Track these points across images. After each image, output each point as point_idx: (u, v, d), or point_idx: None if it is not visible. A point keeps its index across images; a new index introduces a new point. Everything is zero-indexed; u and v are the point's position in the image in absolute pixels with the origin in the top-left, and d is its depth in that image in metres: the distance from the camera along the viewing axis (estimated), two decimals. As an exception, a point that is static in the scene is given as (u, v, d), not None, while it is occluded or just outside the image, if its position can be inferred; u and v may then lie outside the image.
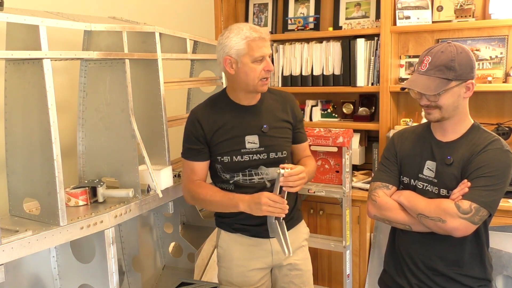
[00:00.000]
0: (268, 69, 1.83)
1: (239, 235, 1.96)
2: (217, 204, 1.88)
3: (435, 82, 1.58)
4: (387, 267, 1.87)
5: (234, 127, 1.89)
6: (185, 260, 2.55)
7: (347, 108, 3.35)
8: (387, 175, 1.79)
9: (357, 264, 3.01)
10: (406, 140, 1.80)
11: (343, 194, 2.76)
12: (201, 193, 1.89)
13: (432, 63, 1.59)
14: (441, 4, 2.99)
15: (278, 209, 1.74)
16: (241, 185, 1.90)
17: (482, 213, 1.57)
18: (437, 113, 1.63)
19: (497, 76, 2.88)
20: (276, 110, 1.96)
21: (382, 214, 1.74)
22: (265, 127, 1.89)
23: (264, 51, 1.81)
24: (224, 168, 1.91)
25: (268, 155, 1.90)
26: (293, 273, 2.00)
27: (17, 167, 1.68)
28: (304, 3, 3.50)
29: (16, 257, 1.46)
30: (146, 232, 2.53)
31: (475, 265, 1.69)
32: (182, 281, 1.80)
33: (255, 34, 1.79)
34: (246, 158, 1.88)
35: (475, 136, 1.65)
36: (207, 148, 1.92)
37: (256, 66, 1.81)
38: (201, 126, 1.89)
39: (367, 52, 3.17)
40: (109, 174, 1.99)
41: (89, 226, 1.67)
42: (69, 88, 2.20)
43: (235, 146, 1.88)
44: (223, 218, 1.99)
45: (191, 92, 2.71)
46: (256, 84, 1.84)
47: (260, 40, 1.80)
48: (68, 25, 1.69)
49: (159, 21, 2.75)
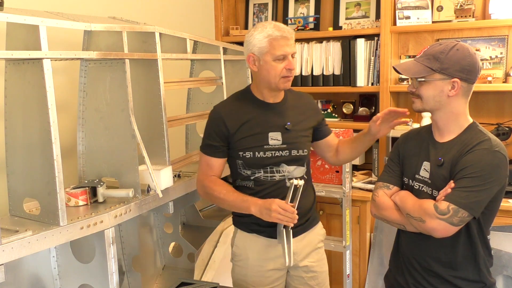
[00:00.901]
0: (290, 68, 1.84)
1: (256, 235, 1.96)
2: (230, 203, 1.90)
3: (418, 67, 1.60)
4: (390, 265, 1.89)
5: (258, 123, 1.90)
6: (185, 260, 2.55)
7: (347, 108, 3.35)
8: (389, 175, 1.80)
9: (357, 264, 3.01)
10: (409, 141, 1.81)
11: (343, 194, 2.76)
12: (216, 190, 1.91)
13: (426, 52, 1.62)
14: (441, 4, 2.99)
15: (287, 218, 1.74)
16: (261, 182, 1.91)
17: (461, 214, 1.54)
18: (418, 102, 1.65)
19: (497, 76, 2.88)
20: (300, 108, 1.99)
21: (380, 213, 1.75)
22: (289, 124, 1.91)
23: (286, 50, 1.82)
24: (245, 164, 1.91)
25: (290, 152, 1.91)
26: (308, 275, 2.00)
27: (17, 167, 1.68)
28: (304, 3, 3.51)
29: (16, 257, 1.46)
30: (146, 232, 2.53)
31: (469, 267, 1.67)
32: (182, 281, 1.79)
33: (278, 33, 1.80)
34: (269, 154, 1.89)
35: (468, 136, 1.63)
36: (227, 145, 1.93)
37: (277, 64, 1.83)
38: (224, 123, 1.90)
39: (367, 52, 3.17)
40: (109, 174, 1.99)
41: (89, 226, 1.67)
42: (69, 88, 2.20)
43: (258, 142, 1.89)
44: (241, 218, 1.99)
45: (191, 92, 2.71)
46: (278, 81, 1.85)
47: (283, 39, 1.81)
48: (68, 25, 1.69)
49: (159, 21, 2.75)
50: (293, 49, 1.85)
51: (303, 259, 1.98)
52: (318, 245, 2.04)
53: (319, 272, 2.03)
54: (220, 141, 1.92)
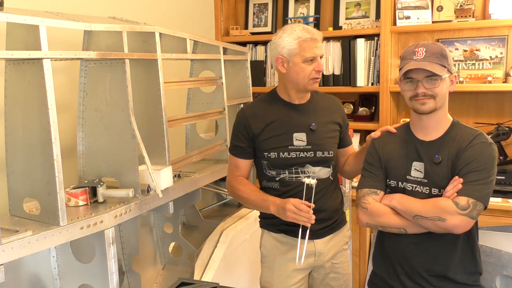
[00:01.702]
0: (319, 70, 1.86)
1: (283, 235, 1.96)
2: (253, 203, 1.93)
3: (437, 66, 1.61)
4: (377, 269, 1.86)
5: (282, 124, 1.91)
6: (185, 260, 2.55)
7: (347, 108, 3.35)
8: (373, 181, 1.77)
9: (357, 264, 3.01)
10: (387, 144, 1.79)
11: (343, 194, 2.76)
12: (240, 190, 1.94)
13: (429, 52, 1.62)
14: (441, 4, 2.99)
15: (303, 217, 1.73)
16: (287, 182, 1.91)
17: (479, 207, 1.58)
18: (432, 102, 1.63)
19: (497, 76, 2.88)
20: (326, 110, 1.98)
21: (375, 220, 1.72)
22: (314, 125, 1.91)
23: (316, 52, 1.84)
24: (270, 164, 1.93)
25: (315, 153, 1.91)
26: (330, 276, 2.00)
27: (17, 167, 1.68)
28: (304, 3, 3.51)
29: (16, 257, 1.46)
30: (146, 232, 2.53)
31: (467, 261, 1.70)
32: (182, 281, 1.80)
33: (307, 35, 1.82)
34: (293, 155, 1.89)
35: (458, 132, 1.67)
36: (253, 147, 1.95)
37: (306, 66, 1.84)
38: (250, 124, 1.92)
39: (367, 52, 3.17)
40: (109, 174, 1.99)
41: (89, 226, 1.67)
42: (69, 88, 2.20)
43: (283, 143, 1.90)
44: (268, 219, 2.00)
45: (191, 92, 2.71)
46: (306, 83, 1.87)
47: (312, 41, 1.82)
48: (68, 25, 1.69)
49: (159, 21, 2.75)
50: (321, 51, 1.88)
51: (328, 260, 1.98)
52: (343, 247, 2.05)
53: (342, 274, 2.03)
54: (246, 142, 1.94)
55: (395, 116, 3.18)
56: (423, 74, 1.61)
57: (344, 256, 2.05)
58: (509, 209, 2.54)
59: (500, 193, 2.69)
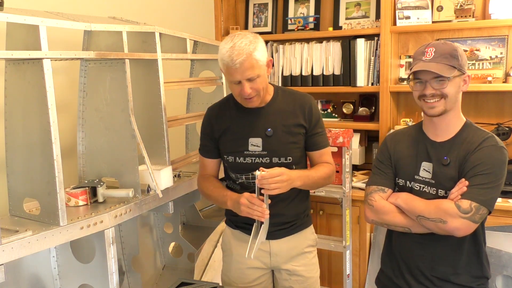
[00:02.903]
0: (243, 95, 1.76)
1: (240, 232, 1.97)
2: (214, 198, 1.95)
3: (445, 67, 1.59)
4: (384, 267, 1.87)
5: (239, 128, 1.89)
6: (185, 260, 2.55)
7: (347, 108, 3.35)
8: (382, 178, 1.78)
9: (357, 264, 3.01)
10: (399, 143, 1.79)
11: (343, 194, 2.76)
12: (205, 186, 1.96)
13: (438, 52, 1.61)
14: (441, 4, 2.99)
15: (257, 211, 1.72)
16: (246, 186, 1.91)
17: (482, 211, 1.57)
18: (441, 104, 1.62)
19: (497, 76, 2.88)
20: (286, 113, 1.88)
21: (380, 218, 1.73)
22: (269, 130, 1.85)
23: (237, 78, 1.72)
24: (229, 167, 1.94)
25: (270, 159, 1.86)
26: (293, 278, 1.98)
27: (17, 167, 1.68)
28: (304, 3, 3.50)
29: (16, 257, 1.46)
30: (146, 232, 2.53)
31: (472, 264, 1.69)
32: (182, 281, 1.80)
33: (227, 59, 1.70)
34: (249, 160, 1.87)
35: (468, 134, 1.66)
36: (217, 147, 1.94)
37: (234, 86, 1.77)
38: (213, 125, 1.93)
39: (367, 52, 3.17)
40: (109, 174, 1.99)
41: (89, 226, 1.67)
42: (69, 88, 2.20)
43: (239, 148, 1.88)
44: (228, 215, 2.02)
45: (191, 92, 2.71)
46: (241, 101, 1.82)
47: (232, 68, 1.71)
48: (68, 25, 1.69)
49: (159, 21, 2.75)
50: (248, 74, 1.71)
51: (286, 262, 1.96)
52: (305, 249, 2.00)
53: (306, 277, 1.99)
54: (211, 141, 1.95)
55: (395, 116, 3.17)
56: (431, 75, 1.60)
57: (308, 259, 2.00)
58: (509, 209, 2.54)
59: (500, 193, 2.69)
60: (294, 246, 1.96)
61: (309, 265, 2.01)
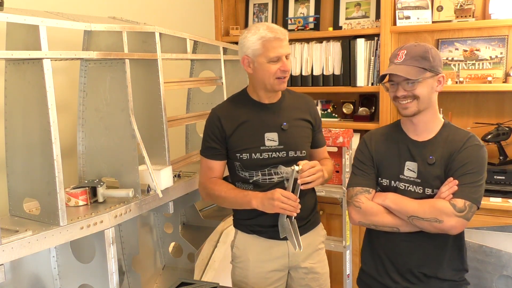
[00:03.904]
0: (284, 69, 1.83)
1: (256, 236, 1.95)
2: (231, 200, 1.89)
3: (414, 70, 1.62)
4: (365, 267, 1.86)
5: (254, 124, 1.90)
6: (185, 260, 2.55)
7: (347, 108, 3.35)
8: (365, 179, 1.78)
9: (357, 264, 3.01)
10: (378, 143, 1.80)
11: (343, 194, 2.76)
12: (217, 190, 1.91)
13: (408, 54, 1.64)
14: (441, 4, 2.99)
15: (290, 206, 1.74)
16: (260, 184, 1.90)
17: (473, 209, 1.62)
18: (414, 105, 1.65)
19: (497, 76, 2.88)
20: (296, 109, 1.96)
21: (368, 219, 1.73)
22: (285, 124, 1.90)
23: (280, 52, 1.81)
24: (243, 165, 1.91)
25: (287, 153, 1.89)
26: (309, 276, 1.99)
27: (17, 167, 1.68)
28: (304, 3, 3.51)
29: (16, 257, 1.46)
30: (146, 232, 2.53)
31: (454, 259, 1.73)
32: (182, 281, 1.80)
33: (271, 34, 1.79)
34: (265, 155, 1.88)
35: (449, 133, 1.70)
36: (225, 148, 1.93)
37: (271, 66, 1.82)
38: (221, 125, 1.90)
39: (367, 52, 3.17)
40: (109, 174, 1.99)
41: (89, 226, 1.67)
42: (69, 88, 2.20)
43: (255, 143, 1.88)
44: (241, 220, 1.99)
45: (191, 92, 2.71)
46: (273, 83, 1.85)
47: (276, 40, 1.80)
48: (68, 25, 1.69)
49: (159, 21, 2.75)
50: (287, 50, 1.83)
51: (304, 260, 1.97)
52: (319, 246, 2.04)
53: (321, 274, 2.02)
54: (219, 143, 1.92)
55: (395, 116, 3.17)
56: (401, 77, 1.64)
57: (321, 255, 2.05)
58: (509, 209, 2.54)
59: (500, 193, 2.69)
60: (310, 243, 1.98)
61: (322, 261, 2.06)
